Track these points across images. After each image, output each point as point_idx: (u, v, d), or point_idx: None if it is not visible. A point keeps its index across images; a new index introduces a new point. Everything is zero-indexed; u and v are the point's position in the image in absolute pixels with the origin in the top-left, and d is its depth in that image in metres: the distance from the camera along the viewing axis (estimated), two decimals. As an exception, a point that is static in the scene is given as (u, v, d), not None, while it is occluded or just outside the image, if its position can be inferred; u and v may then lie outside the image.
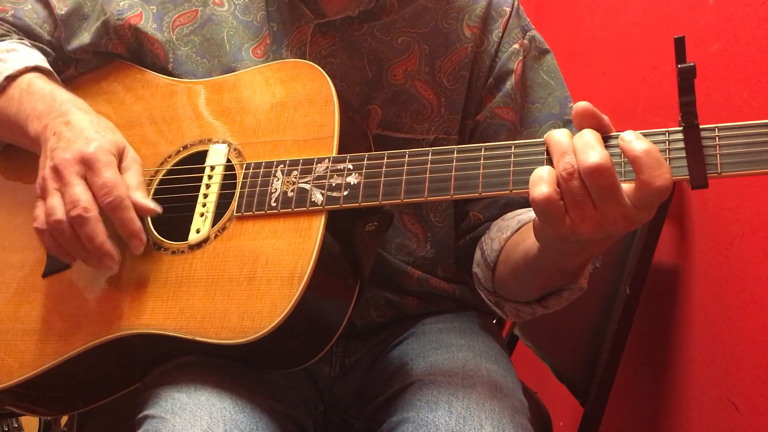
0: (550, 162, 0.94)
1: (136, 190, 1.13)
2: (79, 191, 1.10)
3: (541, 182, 0.91)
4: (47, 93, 1.23)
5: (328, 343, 1.11)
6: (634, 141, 0.89)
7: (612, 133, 0.94)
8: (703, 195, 1.49)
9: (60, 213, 1.09)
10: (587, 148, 0.89)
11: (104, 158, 1.12)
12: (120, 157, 1.16)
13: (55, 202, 1.10)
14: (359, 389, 1.31)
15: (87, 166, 1.11)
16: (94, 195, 1.10)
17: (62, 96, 1.23)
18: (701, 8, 1.56)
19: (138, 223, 1.12)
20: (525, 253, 1.09)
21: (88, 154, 1.11)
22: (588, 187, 0.89)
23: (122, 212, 1.10)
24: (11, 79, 1.25)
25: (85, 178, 1.11)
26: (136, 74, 1.35)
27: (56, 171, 1.12)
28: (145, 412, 1.08)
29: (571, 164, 0.90)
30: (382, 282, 1.30)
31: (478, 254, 1.26)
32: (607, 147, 0.91)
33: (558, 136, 0.93)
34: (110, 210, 1.10)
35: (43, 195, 1.13)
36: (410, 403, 1.12)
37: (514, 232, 1.19)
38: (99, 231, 1.09)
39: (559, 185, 0.90)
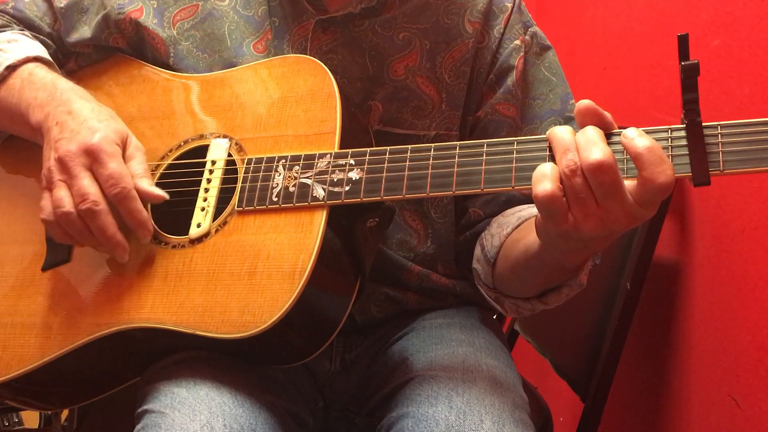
0: (552, 159, 0.94)
1: (142, 178, 1.14)
2: (87, 184, 1.10)
3: (544, 179, 0.91)
4: (48, 82, 1.23)
5: (328, 338, 1.10)
6: (636, 138, 0.89)
7: (614, 130, 0.94)
8: (705, 190, 1.49)
9: (68, 205, 1.10)
10: (590, 145, 0.89)
11: (109, 149, 1.12)
12: (123, 145, 1.16)
13: (63, 194, 1.11)
14: (359, 384, 1.31)
15: (92, 158, 1.11)
16: (100, 186, 1.11)
17: (63, 85, 1.23)
18: (703, 3, 1.56)
19: (145, 213, 1.13)
20: (525, 249, 1.09)
21: (93, 145, 1.12)
22: (591, 184, 0.89)
23: (129, 203, 1.11)
24: (12, 68, 1.25)
25: (91, 170, 1.12)
26: (136, 69, 1.35)
27: (62, 163, 1.12)
28: (145, 407, 1.08)
29: (574, 161, 0.90)
30: (382, 277, 1.30)
31: (478, 250, 1.26)
32: (609, 144, 0.92)
33: (561, 132, 0.93)
34: (117, 201, 1.11)
35: (49, 186, 1.13)
36: (410, 398, 1.12)
37: (515, 228, 1.18)
38: (109, 223, 1.10)
39: (561, 182, 0.91)
